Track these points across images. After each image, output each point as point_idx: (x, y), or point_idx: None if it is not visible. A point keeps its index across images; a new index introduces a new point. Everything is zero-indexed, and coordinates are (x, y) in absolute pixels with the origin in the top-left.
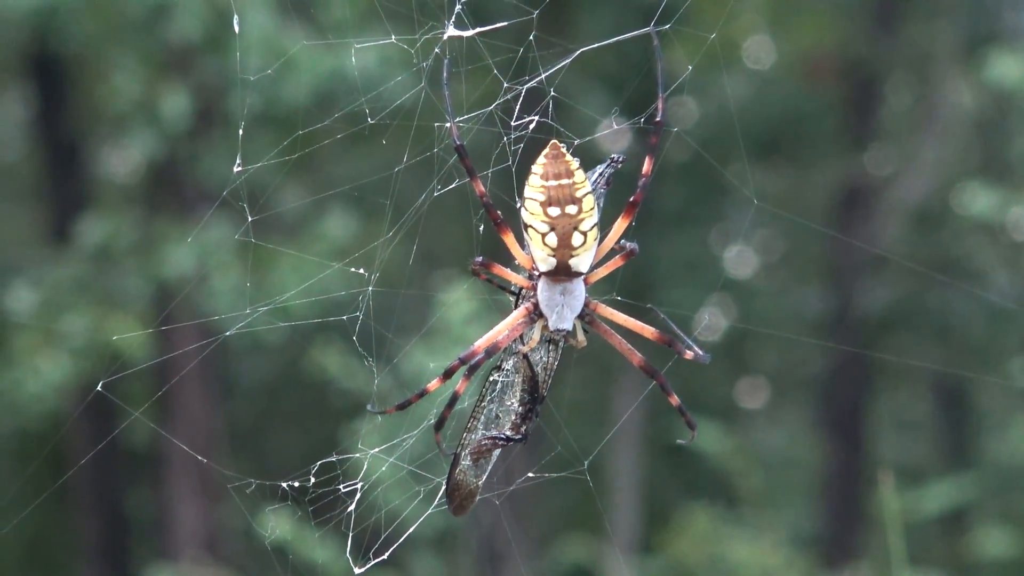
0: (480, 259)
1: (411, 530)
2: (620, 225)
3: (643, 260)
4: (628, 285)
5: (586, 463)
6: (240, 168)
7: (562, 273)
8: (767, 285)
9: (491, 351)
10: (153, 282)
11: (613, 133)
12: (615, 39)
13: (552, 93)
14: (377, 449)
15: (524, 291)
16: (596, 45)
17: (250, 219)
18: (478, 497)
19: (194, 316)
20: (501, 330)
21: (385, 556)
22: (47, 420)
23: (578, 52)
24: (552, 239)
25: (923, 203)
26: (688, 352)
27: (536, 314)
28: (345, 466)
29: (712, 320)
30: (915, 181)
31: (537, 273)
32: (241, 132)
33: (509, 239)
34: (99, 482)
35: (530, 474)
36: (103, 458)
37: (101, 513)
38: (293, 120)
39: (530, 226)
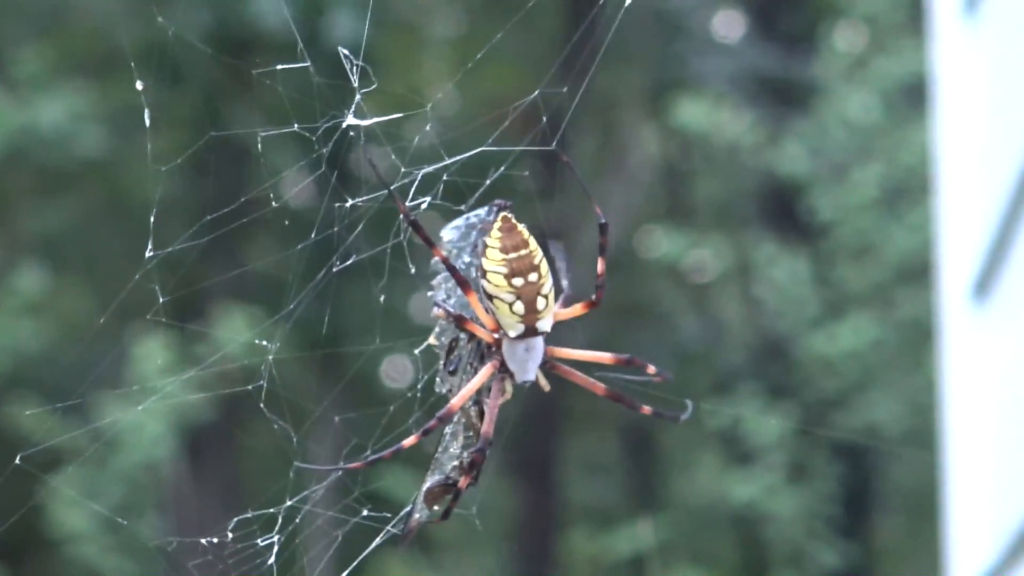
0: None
1: None
2: (578, 311)
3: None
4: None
5: (474, 508)
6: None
7: (529, 335)
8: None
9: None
10: None
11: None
12: (520, 148)
13: (444, 177)
14: (292, 500)
15: (488, 346)
16: (498, 148)
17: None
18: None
19: None
20: (473, 387)
21: None
22: None
23: (479, 150)
24: (519, 307)
25: (611, 248)
26: (650, 366)
27: (502, 370)
28: (262, 520)
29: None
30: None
31: (502, 334)
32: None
33: (473, 300)
34: None
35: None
36: None
37: None
38: None
39: (495, 297)
